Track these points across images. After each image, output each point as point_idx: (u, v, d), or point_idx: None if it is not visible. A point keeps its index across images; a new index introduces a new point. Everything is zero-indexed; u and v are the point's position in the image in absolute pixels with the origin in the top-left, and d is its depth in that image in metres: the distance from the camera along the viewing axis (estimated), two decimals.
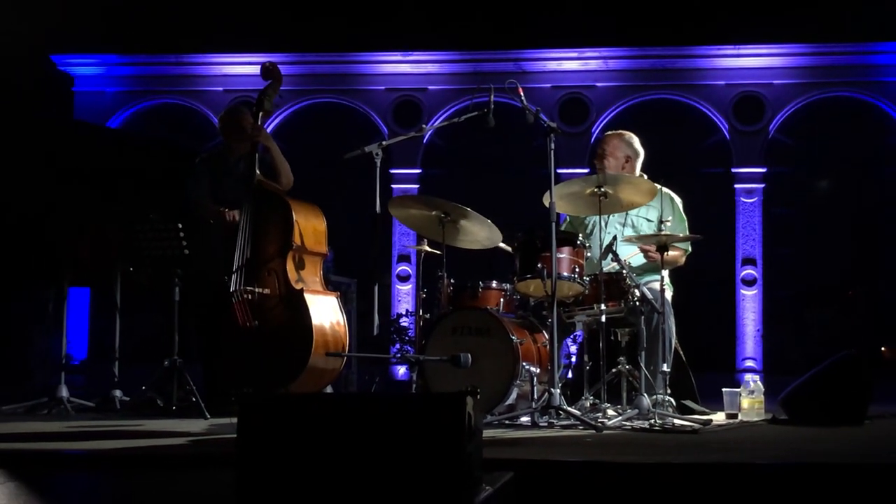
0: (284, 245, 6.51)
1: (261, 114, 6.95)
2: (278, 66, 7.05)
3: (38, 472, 3.92)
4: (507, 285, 6.27)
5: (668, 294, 6.17)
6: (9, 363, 8.51)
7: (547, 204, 5.80)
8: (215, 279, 6.63)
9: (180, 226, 6.48)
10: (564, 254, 5.90)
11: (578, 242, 6.05)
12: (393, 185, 15.30)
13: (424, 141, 15.64)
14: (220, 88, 15.88)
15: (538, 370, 5.92)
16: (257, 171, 6.78)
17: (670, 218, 6.31)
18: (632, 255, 6.34)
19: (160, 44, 15.99)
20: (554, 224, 5.72)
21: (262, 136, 6.93)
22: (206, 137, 14.58)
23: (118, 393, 6.74)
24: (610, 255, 5.97)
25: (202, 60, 16.26)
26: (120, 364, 6.92)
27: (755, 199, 15.44)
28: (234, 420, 3.12)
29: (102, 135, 9.78)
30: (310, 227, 6.67)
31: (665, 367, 5.95)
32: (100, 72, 16.48)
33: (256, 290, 6.47)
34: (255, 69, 7.12)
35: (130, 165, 7.96)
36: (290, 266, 6.50)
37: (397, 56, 16.01)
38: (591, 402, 5.84)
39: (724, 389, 6.41)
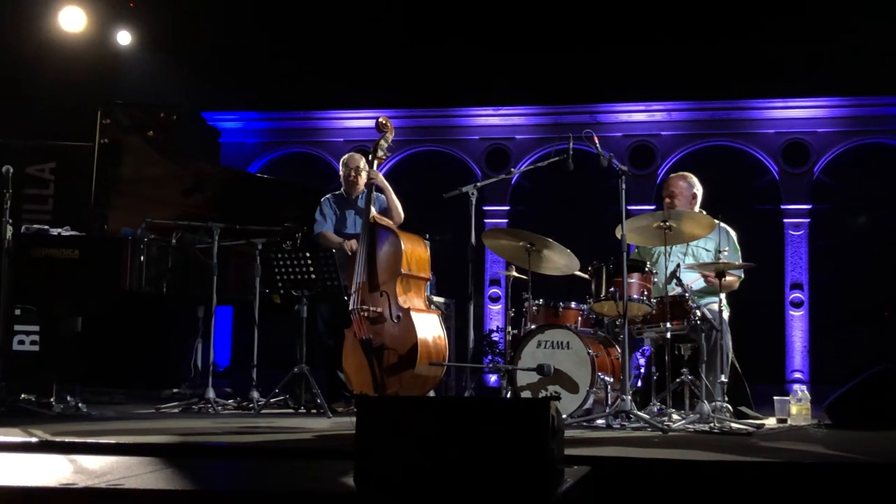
0: (395, 271, 6.56)
1: (375, 160, 7.03)
2: (390, 119, 7.13)
3: (190, 459, 4.00)
4: (585, 306, 6.23)
5: (726, 314, 6.08)
6: (168, 369, 8.68)
7: (619, 236, 5.77)
8: (338, 299, 6.70)
9: (308, 254, 6.56)
10: (634, 279, 5.86)
11: (646, 269, 6.00)
12: (485, 220, 15.28)
13: (512, 182, 15.61)
14: (341, 139, 16.06)
15: (612, 379, 5.87)
16: (372, 208, 6.85)
17: (727, 248, 6.24)
18: (693, 281, 6.26)
19: (291, 102, 16.27)
20: (625, 253, 5.69)
21: (376, 178, 7.01)
22: (330, 180, 14.76)
23: (256, 395, 6.81)
24: (674, 281, 5.91)
25: (326, 116, 16.47)
26: (257, 370, 7.01)
27: (802, 232, 15.11)
28: (353, 419, 3.14)
29: (246, 178, 9.96)
30: (416, 255, 6.70)
31: (723, 378, 5.86)
32: (241, 126, 16.80)
33: (371, 308, 6.52)
34: (371, 122, 7.20)
35: (268, 203, 8.09)
36: (399, 288, 6.54)
37: (489, 111, 16.04)
38: (658, 407, 5.77)
39: (775, 397, 6.29)
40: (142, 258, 6.48)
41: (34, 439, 4.39)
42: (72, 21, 10.82)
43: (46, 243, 6.38)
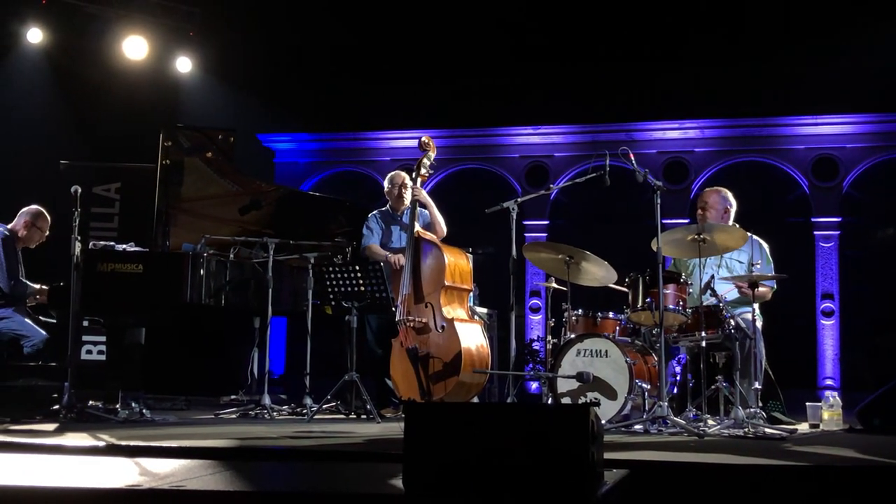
0: (439, 282, 6.56)
1: (419, 177, 7.05)
2: (433, 139, 7.15)
3: (248, 462, 4.02)
4: (622, 316, 6.20)
5: (759, 323, 6.01)
6: (226, 377, 8.74)
7: (654, 248, 5.73)
8: (386, 310, 6.72)
9: (357, 267, 6.58)
10: (670, 290, 5.82)
11: (681, 280, 5.96)
12: (526, 234, 15.25)
13: (551, 198, 15.58)
14: (388, 158, 16.13)
15: (649, 386, 5.82)
16: (417, 224, 6.86)
17: (759, 260, 6.18)
18: (727, 291, 6.20)
19: (340, 124, 16.38)
20: (660, 265, 5.65)
21: (420, 195, 7.02)
22: (377, 197, 14.82)
23: (309, 401, 6.84)
24: (708, 291, 5.86)
25: (373, 136, 16.54)
26: (310, 378, 7.03)
27: (832, 243, 14.91)
28: (401, 424, 3.15)
29: (298, 196, 10.02)
30: (459, 267, 6.70)
31: (756, 385, 5.80)
32: (294, 146, 16.94)
33: (416, 318, 6.53)
34: (415, 142, 7.23)
35: (319, 219, 8.14)
36: (443, 299, 6.54)
37: (528, 129, 16.02)
38: (694, 413, 5.71)
39: (807, 403, 6.23)
40: (201, 272, 6.54)
41: (102, 443, 4.45)
42: (135, 50, 10.99)
43: (113, 258, 6.46)
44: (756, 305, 5.89)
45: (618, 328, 6.22)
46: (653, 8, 14.37)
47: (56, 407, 6.02)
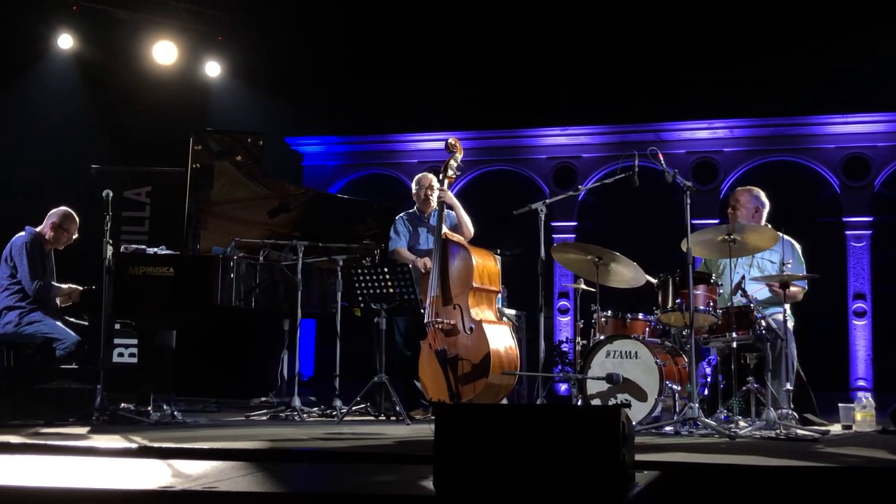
0: (466, 284, 6.55)
1: (446, 179, 7.04)
2: (460, 140, 7.14)
3: (279, 464, 4.04)
4: (652, 317, 6.16)
5: (790, 324, 5.96)
6: (256, 379, 8.78)
7: (684, 249, 5.71)
8: (415, 312, 6.72)
9: (386, 269, 6.59)
10: (700, 290, 5.78)
11: (712, 281, 5.92)
12: (554, 235, 15.22)
13: (579, 199, 15.54)
14: (415, 160, 16.15)
15: (679, 387, 5.79)
16: (444, 225, 6.86)
17: (790, 260, 6.12)
18: (758, 291, 6.15)
19: (368, 127, 16.44)
20: (690, 265, 5.63)
21: (447, 196, 7.01)
22: (404, 199, 14.82)
23: (338, 403, 6.85)
24: (739, 292, 5.82)
25: (401, 139, 16.58)
26: (339, 380, 7.05)
27: (863, 243, 14.77)
28: (430, 425, 3.14)
29: (327, 198, 10.05)
30: (486, 269, 6.69)
31: (788, 386, 5.74)
32: (322, 149, 17.01)
33: (445, 320, 6.53)
34: (442, 144, 7.23)
35: (348, 222, 8.16)
36: (471, 301, 6.53)
37: (556, 131, 16.00)
38: (725, 414, 5.67)
39: (839, 404, 6.16)
40: (232, 275, 6.57)
41: (134, 445, 4.49)
42: (165, 55, 11.11)
43: (144, 262, 6.50)
44: (787, 306, 5.85)
45: (647, 329, 6.18)
46: (681, 8, 14.29)
47: (88, 409, 6.07)
